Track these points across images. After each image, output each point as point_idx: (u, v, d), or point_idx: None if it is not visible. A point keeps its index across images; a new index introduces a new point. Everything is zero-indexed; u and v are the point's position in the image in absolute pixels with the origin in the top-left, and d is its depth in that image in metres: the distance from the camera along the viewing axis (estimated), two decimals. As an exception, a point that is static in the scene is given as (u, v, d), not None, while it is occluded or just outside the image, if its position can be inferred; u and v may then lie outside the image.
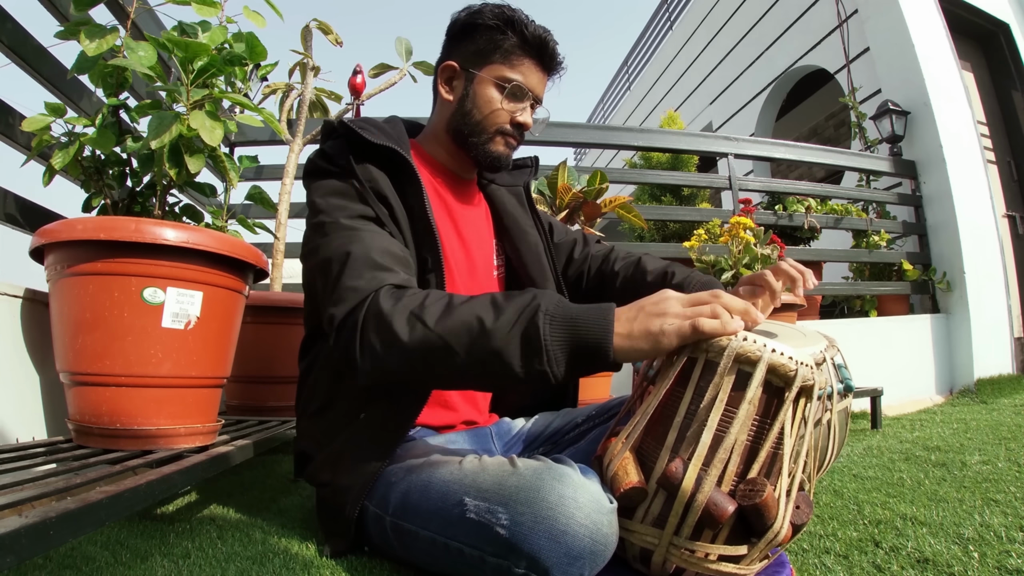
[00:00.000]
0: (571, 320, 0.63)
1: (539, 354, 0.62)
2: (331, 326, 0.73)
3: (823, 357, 0.65)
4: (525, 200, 1.11)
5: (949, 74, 3.29)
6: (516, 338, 0.63)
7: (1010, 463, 1.37)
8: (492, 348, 0.63)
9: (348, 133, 0.87)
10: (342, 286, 0.73)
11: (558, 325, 0.63)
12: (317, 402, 0.86)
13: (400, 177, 0.87)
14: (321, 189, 0.85)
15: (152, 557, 0.77)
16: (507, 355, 0.63)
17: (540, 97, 0.97)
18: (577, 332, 0.63)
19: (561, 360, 0.63)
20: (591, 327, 0.63)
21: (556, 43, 0.95)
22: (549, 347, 0.62)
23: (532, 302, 0.65)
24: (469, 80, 0.94)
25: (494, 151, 0.95)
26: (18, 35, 1.10)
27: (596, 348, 0.62)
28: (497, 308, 0.66)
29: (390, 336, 0.67)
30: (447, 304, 0.68)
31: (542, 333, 0.62)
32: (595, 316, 0.63)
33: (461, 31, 0.96)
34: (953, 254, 3.01)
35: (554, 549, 0.59)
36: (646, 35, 7.92)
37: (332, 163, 0.86)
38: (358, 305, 0.71)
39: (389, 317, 0.68)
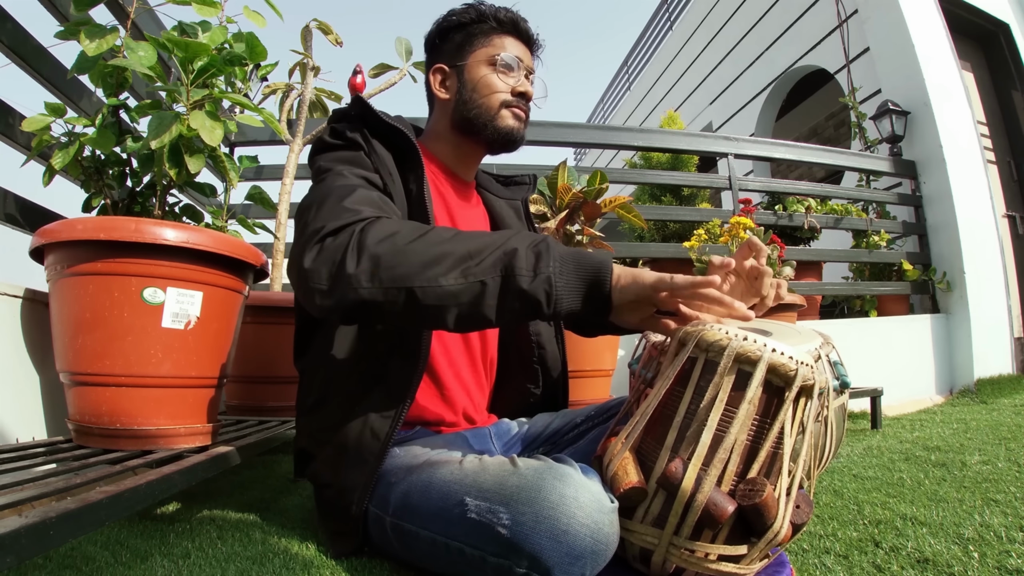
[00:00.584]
0: (575, 251, 0.69)
1: (547, 260, 0.66)
2: (315, 236, 0.68)
3: (819, 354, 0.65)
4: (523, 215, 1.12)
5: (949, 74, 3.29)
6: (528, 246, 0.67)
7: (1010, 463, 1.37)
8: (506, 248, 0.66)
9: (362, 108, 0.89)
10: (340, 207, 0.72)
11: (565, 252, 0.68)
12: (313, 397, 0.86)
13: (404, 161, 0.89)
14: (328, 157, 0.86)
15: (152, 557, 0.77)
16: (518, 256, 0.66)
17: (531, 68, 0.99)
18: (581, 256, 0.68)
19: (568, 272, 0.66)
20: (593, 255, 0.68)
21: (526, 20, 0.99)
22: (556, 259, 0.66)
23: (542, 236, 0.70)
24: (460, 72, 0.96)
25: (504, 126, 0.95)
26: (18, 35, 1.10)
27: (599, 268, 0.67)
28: (511, 234, 0.70)
29: (395, 238, 0.67)
30: (456, 230, 0.70)
31: (551, 247, 0.67)
32: (593, 252, 0.69)
33: (437, 37, 0.99)
34: (953, 254, 3.01)
35: (555, 549, 0.59)
36: (646, 35, 7.92)
37: (341, 137, 0.87)
38: (357, 220, 0.70)
39: (397, 224, 0.69)
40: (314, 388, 0.86)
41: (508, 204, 1.10)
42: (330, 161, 0.85)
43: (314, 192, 0.80)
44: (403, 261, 0.65)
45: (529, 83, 0.98)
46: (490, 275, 0.65)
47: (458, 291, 0.65)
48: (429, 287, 0.65)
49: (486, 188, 1.09)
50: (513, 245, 0.67)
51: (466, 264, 0.65)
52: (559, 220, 1.64)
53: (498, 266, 0.65)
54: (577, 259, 0.68)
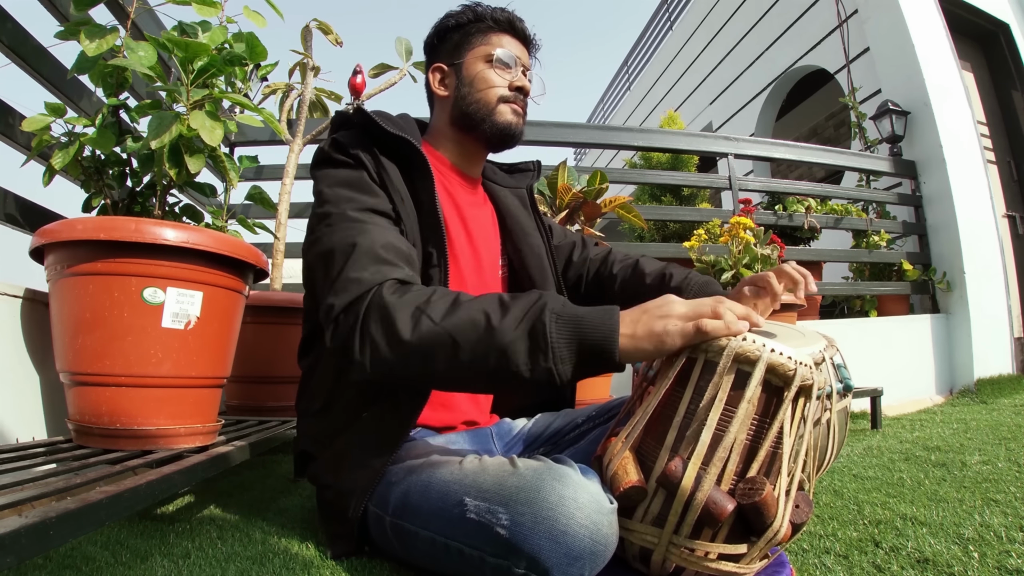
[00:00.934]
0: (577, 319, 0.64)
1: (545, 352, 0.62)
2: (329, 317, 0.72)
3: (822, 357, 0.65)
4: (528, 202, 1.11)
5: (949, 74, 3.29)
6: (523, 335, 0.63)
7: (1010, 463, 1.37)
8: (497, 344, 0.63)
9: (365, 121, 0.88)
10: (345, 277, 0.72)
11: (564, 324, 0.63)
12: (318, 402, 0.86)
13: (411, 170, 0.88)
14: (330, 178, 0.84)
15: (152, 557, 0.77)
16: (513, 352, 0.63)
17: (527, 64, 1.00)
18: (583, 331, 0.63)
19: (567, 359, 0.63)
20: (597, 326, 0.63)
21: (523, 20, 0.99)
22: (555, 345, 0.62)
23: (538, 301, 0.66)
24: (458, 70, 0.97)
25: (503, 121, 0.95)
26: (18, 35, 1.10)
27: (602, 347, 0.62)
28: (504, 306, 0.66)
29: (393, 329, 0.66)
30: (453, 300, 0.68)
31: (548, 331, 0.63)
32: (600, 316, 0.64)
33: (436, 39, 1.00)
34: (953, 254, 3.01)
35: (554, 549, 0.59)
36: (646, 35, 7.92)
37: (344, 152, 0.85)
38: (360, 296, 0.70)
39: (393, 310, 0.67)
40: (319, 393, 0.86)
41: (513, 193, 1.10)
42: (332, 186, 0.83)
43: (321, 235, 0.79)
44: (402, 363, 0.68)
45: (526, 79, 0.98)
46: (489, 381, 0.68)
47: (462, 385, 0.73)
48: (432, 383, 0.75)
49: (491, 179, 1.09)
50: (506, 342, 0.63)
51: (463, 371, 0.66)
52: (559, 220, 1.64)
53: (495, 376, 0.65)
54: (580, 337, 0.63)
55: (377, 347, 0.67)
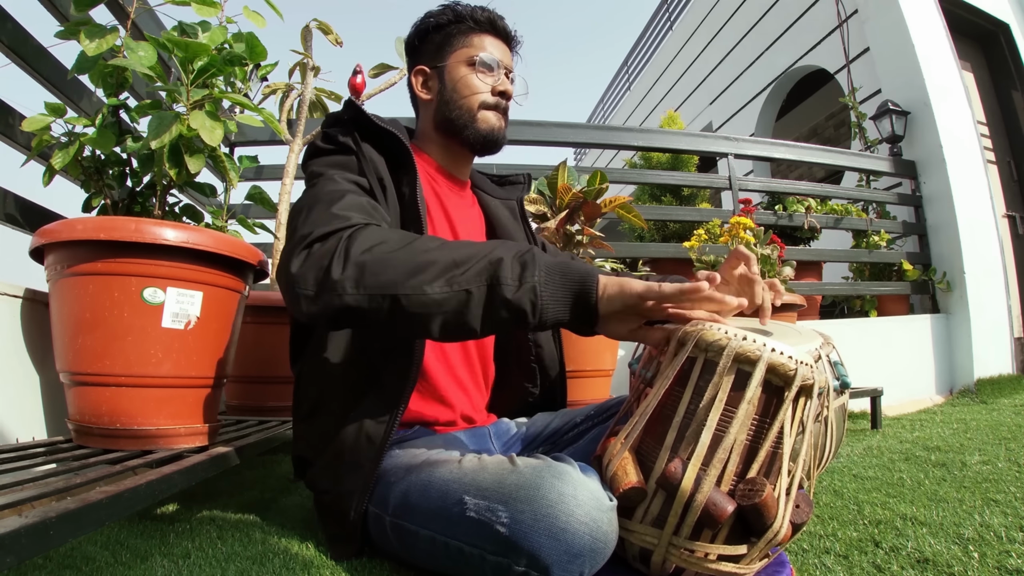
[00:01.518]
0: (561, 263, 0.68)
1: (532, 270, 0.65)
2: (302, 243, 0.69)
3: (819, 354, 0.65)
4: (518, 215, 1.12)
5: (949, 74, 3.29)
6: (514, 257, 0.67)
7: (1010, 463, 1.37)
8: (491, 257, 0.66)
9: (355, 113, 0.89)
10: (328, 213, 0.72)
11: (551, 263, 0.67)
12: (307, 405, 0.86)
13: (397, 164, 0.89)
14: (320, 162, 0.86)
15: (152, 557, 0.77)
16: (503, 266, 0.65)
17: (509, 66, 1.00)
18: (568, 268, 0.67)
19: (552, 285, 0.66)
20: (578, 267, 0.68)
21: (503, 18, 0.99)
22: (541, 269, 0.66)
23: (528, 247, 0.69)
24: (440, 73, 0.97)
25: (484, 127, 0.96)
26: (18, 35, 1.10)
27: (584, 280, 0.66)
28: (493, 243, 0.70)
29: (381, 245, 0.67)
30: (444, 240, 0.70)
31: (536, 256, 0.67)
32: (579, 264, 0.68)
33: (417, 40, 1.00)
34: (953, 254, 3.00)
35: (554, 547, 0.59)
36: (646, 35, 7.92)
37: (333, 142, 0.87)
38: (344, 228, 0.70)
39: (383, 234, 0.69)
40: (309, 394, 0.87)
41: (503, 204, 1.10)
42: (322, 166, 0.84)
43: (305, 197, 0.80)
44: (388, 268, 0.66)
45: (509, 81, 0.98)
46: (475, 284, 0.65)
47: (443, 299, 0.65)
48: (414, 295, 0.65)
49: (481, 188, 1.09)
50: (499, 255, 0.67)
51: (451, 273, 0.66)
52: (559, 220, 1.64)
53: (483, 275, 0.65)
54: (563, 269, 0.67)
55: (362, 261, 0.65)
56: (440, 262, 0.66)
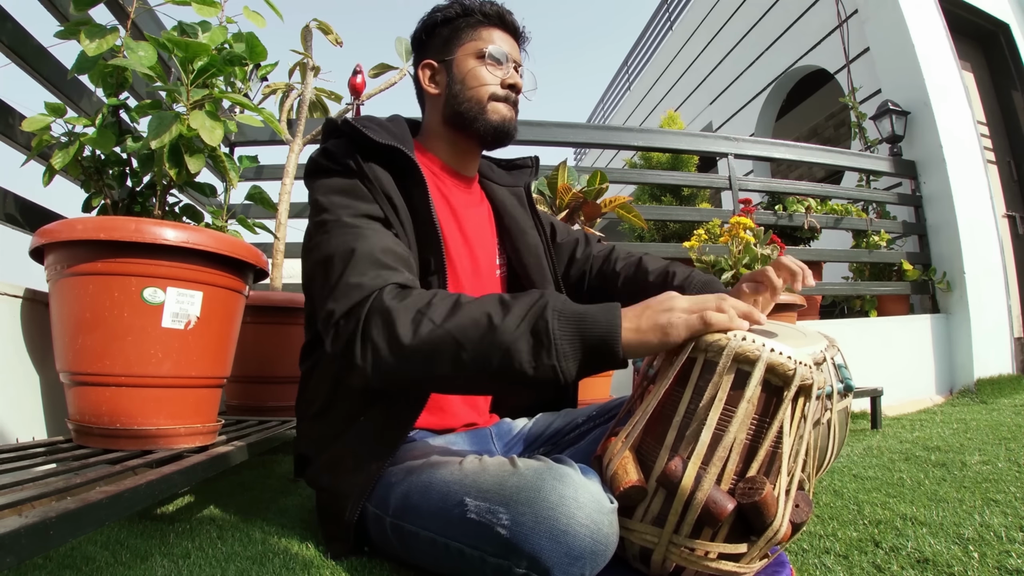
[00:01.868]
0: (579, 316, 0.64)
1: (548, 349, 0.62)
2: (329, 322, 0.71)
3: (823, 357, 0.65)
4: (526, 201, 1.11)
5: (949, 74, 3.29)
6: (525, 333, 0.63)
7: (1010, 463, 1.37)
8: (500, 343, 0.63)
9: (352, 132, 0.87)
10: (344, 282, 0.72)
11: (567, 321, 0.63)
12: (317, 405, 0.86)
13: (404, 177, 0.87)
14: (324, 187, 0.84)
15: (152, 557, 0.77)
16: (516, 350, 0.63)
17: (518, 60, 0.99)
18: (586, 326, 0.63)
19: (570, 355, 0.63)
20: (599, 322, 0.63)
21: (511, 13, 0.98)
22: (558, 342, 0.62)
23: (540, 300, 0.66)
24: (448, 67, 0.96)
25: (495, 119, 0.95)
26: (18, 35, 1.10)
27: (605, 342, 0.62)
28: (505, 305, 0.66)
29: (394, 333, 0.66)
30: (454, 302, 0.68)
31: (551, 328, 0.63)
32: (602, 312, 0.64)
33: (424, 34, 0.99)
34: (953, 254, 3.01)
35: (555, 549, 0.59)
36: (646, 35, 7.92)
37: (335, 162, 0.85)
38: (361, 301, 0.70)
39: (394, 314, 0.67)
40: (318, 395, 0.86)
41: (511, 192, 1.09)
42: (327, 194, 0.83)
43: (318, 244, 0.79)
44: (404, 366, 0.67)
45: (518, 76, 0.98)
46: (492, 381, 0.68)
47: (465, 387, 0.75)
48: (435, 386, 0.74)
49: (488, 177, 1.08)
50: (509, 340, 0.63)
51: (467, 372, 0.65)
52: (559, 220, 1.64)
53: (498, 376, 0.65)
54: (583, 333, 0.63)
55: (379, 351, 0.67)
56: (459, 361, 0.65)
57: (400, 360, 0.67)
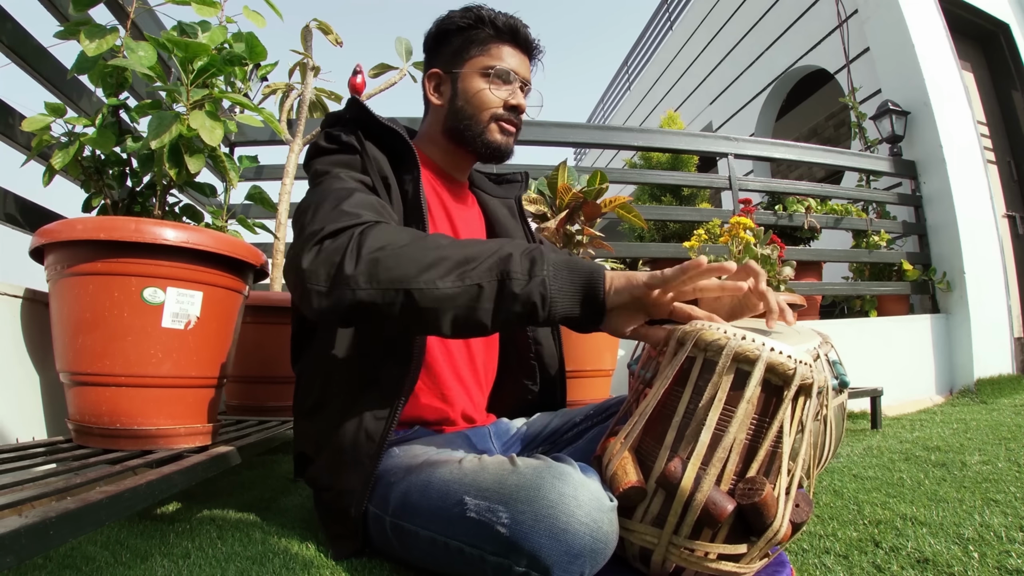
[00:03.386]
0: (568, 258, 0.69)
1: (542, 264, 0.66)
2: (313, 238, 0.68)
3: (818, 354, 0.65)
4: (517, 213, 1.12)
5: (949, 74, 3.29)
6: (524, 255, 0.67)
7: (1010, 463, 1.37)
8: (500, 253, 0.67)
9: (358, 111, 0.89)
10: (339, 210, 0.72)
11: (558, 258, 0.68)
12: (310, 402, 0.87)
13: (399, 163, 0.89)
14: (324, 161, 0.86)
15: (152, 557, 0.77)
16: (512, 260, 0.66)
17: (527, 79, 0.98)
18: (574, 263, 0.68)
19: (563, 277, 0.66)
20: (585, 263, 0.69)
21: (527, 27, 0.97)
22: (550, 264, 0.67)
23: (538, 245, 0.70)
24: (454, 80, 0.96)
25: (493, 139, 0.96)
26: (18, 35, 1.10)
27: (592, 275, 0.67)
28: (502, 241, 0.71)
29: (394, 239, 0.67)
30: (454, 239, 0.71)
31: (545, 254, 0.68)
32: (586, 261, 0.69)
33: (435, 40, 0.99)
34: (953, 254, 3.00)
35: (554, 547, 0.59)
36: (646, 35, 7.91)
37: (336, 141, 0.87)
38: (355, 224, 0.70)
39: (395, 230, 0.70)
40: (311, 392, 0.87)
41: (502, 203, 1.10)
42: (326, 164, 0.85)
43: (312, 195, 0.80)
44: (401, 264, 0.66)
45: (523, 95, 0.97)
46: (486, 279, 0.66)
47: (454, 294, 0.65)
48: (426, 289, 0.65)
49: (479, 187, 1.09)
50: (508, 251, 0.67)
51: (462, 268, 0.66)
52: (559, 220, 1.64)
53: (494, 270, 0.66)
54: (570, 264, 0.68)
55: (376, 259, 0.65)
56: (451, 258, 0.66)
57: (395, 260, 0.65)
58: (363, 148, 0.86)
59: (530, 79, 0.99)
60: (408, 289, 0.65)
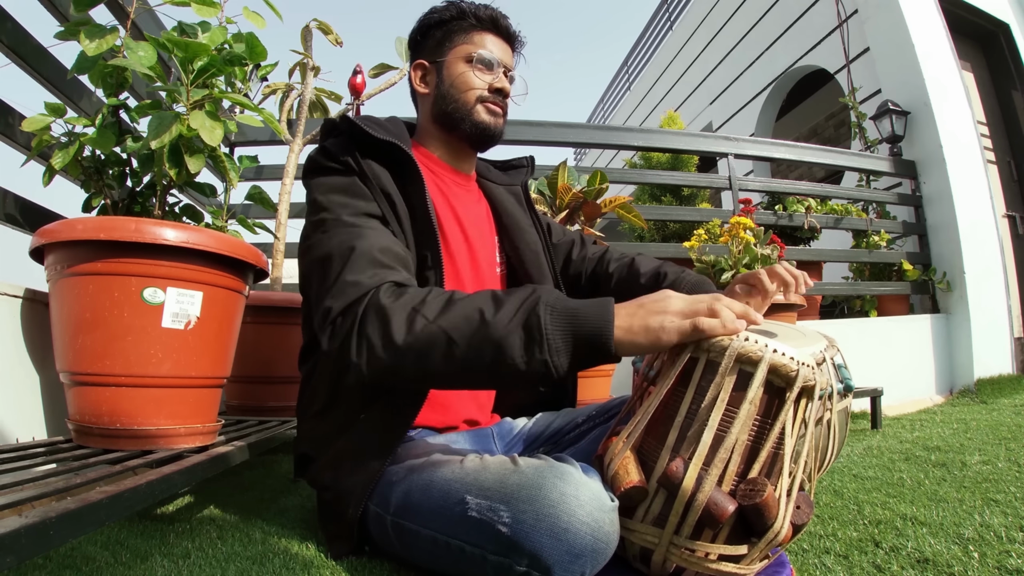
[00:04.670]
0: (571, 311, 0.64)
1: (540, 343, 0.62)
2: (326, 320, 0.72)
3: (823, 357, 0.65)
4: (523, 200, 1.11)
5: (949, 74, 3.29)
6: (517, 327, 0.63)
7: (1010, 463, 1.37)
8: (493, 338, 0.63)
9: (351, 128, 0.88)
10: (342, 280, 0.73)
11: (559, 316, 0.63)
12: (317, 405, 0.86)
13: (402, 173, 0.88)
14: (323, 186, 0.84)
15: (152, 557, 0.77)
16: (508, 345, 0.63)
17: (509, 65, 1.00)
18: (577, 321, 0.63)
19: (562, 350, 0.63)
20: (591, 317, 0.63)
21: (507, 17, 0.99)
22: (550, 336, 0.62)
23: (532, 295, 0.66)
24: (439, 68, 0.97)
25: (480, 120, 0.96)
26: (18, 35, 1.09)
27: (596, 338, 0.62)
28: (497, 301, 0.66)
29: (388, 330, 0.67)
30: (448, 299, 0.68)
31: (543, 322, 0.63)
32: (595, 308, 0.64)
33: (419, 34, 1.01)
34: (953, 254, 3.00)
35: (556, 547, 0.59)
36: (646, 35, 7.91)
37: (334, 160, 0.86)
38: (358, 299, 0.70)
39: (389, 312, 0.68)
40: (319, 395, 0.86)
41: (508, 191, 1.10)
42: (326, 193, 0.83)
43: (316, 243, 0.79)
44: (399, 363, 0.67)
45: (507, 80, 0.98)
46: (486, 377, 0.67)
47: (460, 382, 0.73)
48: (430, 382, 0.74)
49: (485, 176, 1.09)
50: (501, 335, 0.63)
51: (460, 368, 0.66)
52: (559, 220, 1.64)
53: (491, 371, 0.65)
54: (574, 329, 0.63)
55: (373, 348, 0.67)
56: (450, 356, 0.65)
57: (394, 356, 0.67)
58: (361, 168, 0.85)
59: (512, 67, 1.01)
60: (413, 382, 0.74)
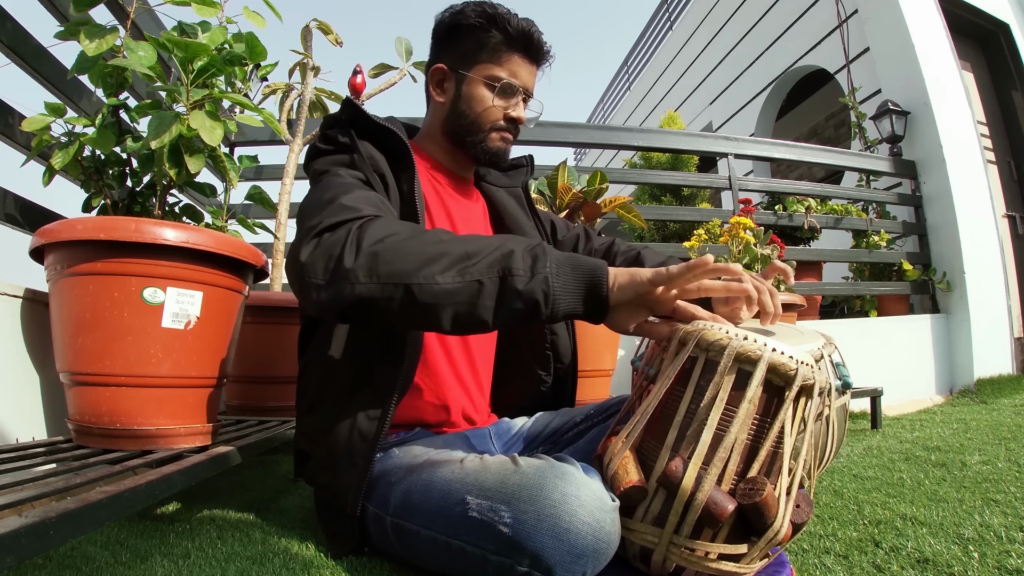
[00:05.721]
0: (566, 253, 0.69)
1: (542, 259, 0.66)
2: (311, 233, 0.68)
3: (821, 355, 0.65)
4: (524, 201, 1.11)
5: (949, 74, 3.29)
6: (524, 247, 0.67)
7: (1010, 463, 1.37)
8: (502, 247, 0.66)
9: (354, 111, 0.90)
10: (338, 204, 0.71)
11: (552, 251, 0.68)
12: (309, 398, 0.87)
13: (396, 162, 0.89)
14: (323, 161, 0.87)
15: (152, 557, 0.77)
16: (514, 255, 0.65)
17: (531, 90, 0.98)
18: (576, 259, 0.68)
19: (565, 272, 0.66)
20: (586, 259, 0.68)
21: (540, 33, 0.96)
22: (551, 256, 0.66)
23: (539, 244, 0.69)
24: (459, 81, 0.95)
25: (491, 147, 0.96)
26: (18, 35, 1.10)
27: (594, 272, 0.66)
28: (504, 237, 0.70)
29: (393, 233, 0.67)
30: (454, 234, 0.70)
31: (545, 247, 0.67)
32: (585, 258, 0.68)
33: (446, 33, 0.97)
34: (953, 254, 3.00)
35: (557, 547, 0.59)
36: (646, 35, 7.91)
37: (332, 142, 0.88)
38: (354, 218, 0.69)
39: (392, 223, 0.69)
40: (310, 389, 0.87)
41: (509, 192, 1.10)
42: (326, 164, 0.86)
43: (312, 192, 0.81)
44: (401, 258, 0.65)
45: (524, 107, 0.97)
46: (487, 275, 0.65)
47: (455, 290, 0.64)
48: (426, 284, 0.64)
49: (485, 179, 1.09)
50: (510, 247, 0.67)
51: (463, 264, 0.65)
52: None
53: (495, 266, 0.65)
54: (573, 261, 0.67)
55: (374, 252, 0.64)
56: (452, 253, 0.65)
57: (395, 255, 0.64)
58: (358, 147, 0.87)
59: (534, 88, 0.99)
60: (408, 284, 0.64)
